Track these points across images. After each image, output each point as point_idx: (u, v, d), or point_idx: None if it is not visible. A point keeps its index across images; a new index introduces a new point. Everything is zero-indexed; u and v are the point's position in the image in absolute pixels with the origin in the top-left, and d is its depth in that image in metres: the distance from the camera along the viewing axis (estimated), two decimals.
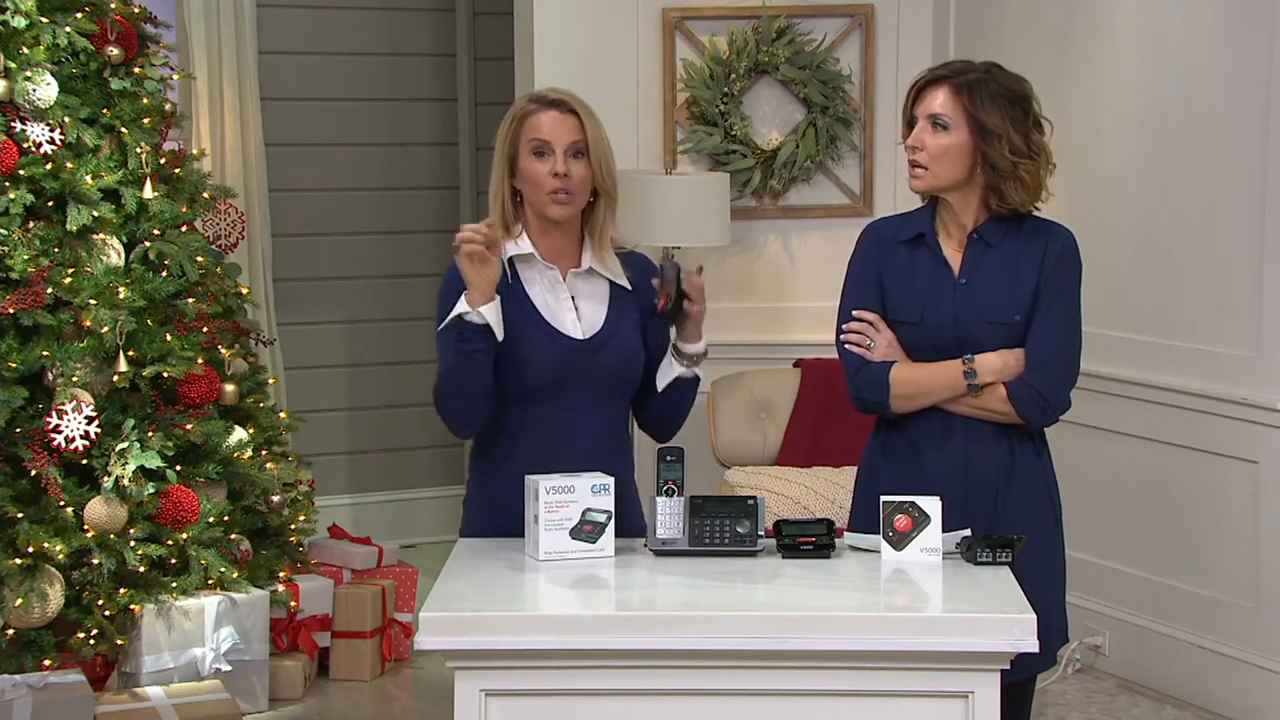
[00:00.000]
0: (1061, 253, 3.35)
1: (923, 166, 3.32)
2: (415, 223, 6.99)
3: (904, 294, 3.37)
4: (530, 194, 3.29)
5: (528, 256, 3.31)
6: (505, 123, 3.32)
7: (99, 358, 4.94)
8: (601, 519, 3.10)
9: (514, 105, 3.36)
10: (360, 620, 5.40)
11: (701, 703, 2.83)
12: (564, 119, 3.27)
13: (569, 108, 3.29)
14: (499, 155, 3.31)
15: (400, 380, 6.98)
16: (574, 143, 3.26)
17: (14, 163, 4.91)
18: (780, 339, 5.95)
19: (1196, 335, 5.03)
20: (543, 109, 3.28)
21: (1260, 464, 4.83)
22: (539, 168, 3.26)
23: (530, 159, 3.27)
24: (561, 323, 3.29)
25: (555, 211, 3.28)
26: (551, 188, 3.26)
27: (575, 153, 3.27)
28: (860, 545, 3.21)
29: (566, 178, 3.25)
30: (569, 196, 3.27)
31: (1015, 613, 2.80)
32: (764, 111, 6.00)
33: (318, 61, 6.79)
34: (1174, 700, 5.12)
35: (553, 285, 3.32)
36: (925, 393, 3.34)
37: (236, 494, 5.20)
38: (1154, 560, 5.22)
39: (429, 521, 7.03)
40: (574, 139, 3.26)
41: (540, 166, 3.26)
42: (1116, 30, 5.30)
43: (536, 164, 3.26)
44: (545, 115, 3.27)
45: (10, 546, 4.75)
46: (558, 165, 3.25)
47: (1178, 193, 5.09)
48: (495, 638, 2.78)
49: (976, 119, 3.28)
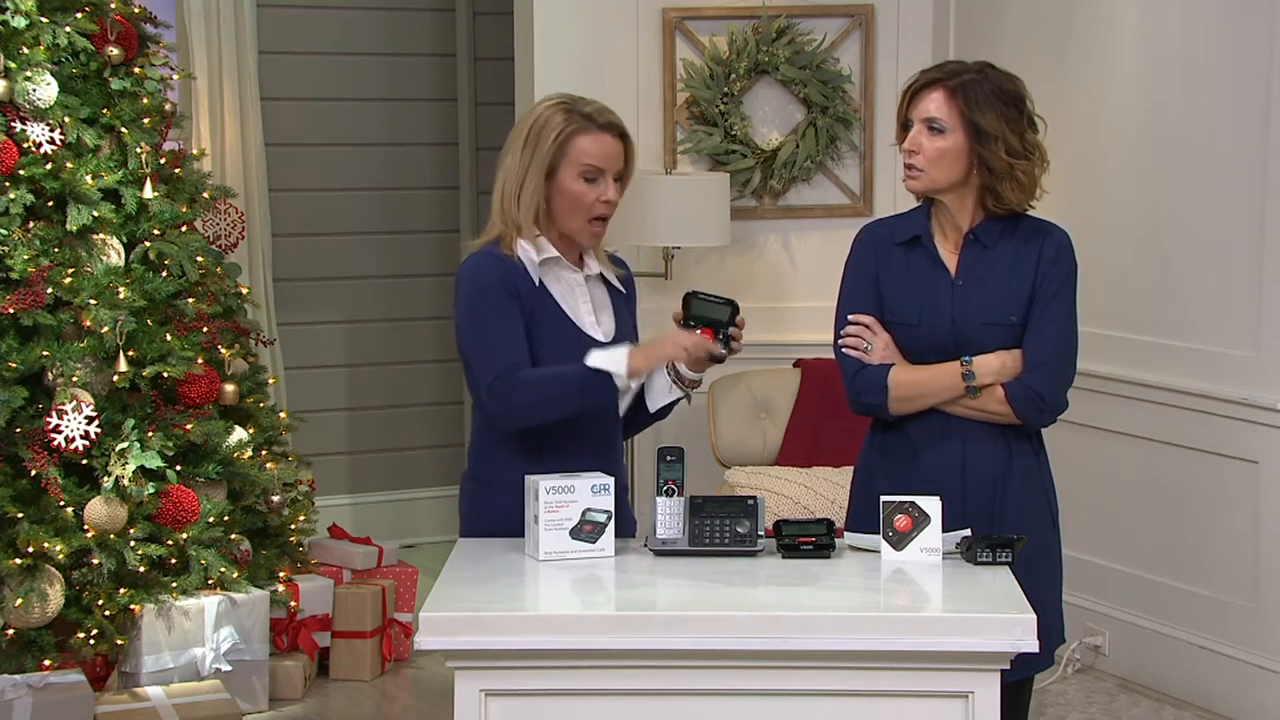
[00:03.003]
0: (1057, 253, 3.35)
1: (918, 169, 3.32)
2: (415, 223, 6.99)
3: (901, 296, 3.37)
4: (568, 213, 3.24)
5: (554, 260, 3.29)
6: (546, 132, 3.21)
7: (99, 358, 4.94)
8: (601, 519, 3.10)
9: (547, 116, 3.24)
10: (360, 620, 5.40)
11: (701, 703, 2.83)
12: (616, 145, 3.24)
13: (619, 131, 3.25)
14: (536, 163, 3.22)
15: (400, 380, 6.98)
16: (620, 171, 3.26)
17: (14, 163, 4.91)
18: (780, 339, 5.95)
19: (1196, 335, 5.03)
20: (595, 130, 3.22)
21: (1260, 464, 4.83)
22: (587, 192, 3.22)
23: (577, 180, 3.22)
24: (586, 326, 3.29)
25: (592, 239, 3.26)
26: (599, 214, 3.24)
27: (617, 177, 3.26)
28: (860, 545, 3.21)
29: (612, 204, 3.24)
30: (605, 224, 3.26)
31: (1015, 613, 2.80)
32: (764, 111, 6.00)
33: (318, 61, 6.79)
34: (1174, 700, 5.12)
35: (574, 288, 3.31)
36: (923, 394, 3.34)
37: (236, 494, 5.21)
38: (1154, 560, 5.22)
39: (429, 521, 7.03)
40: (620, 168, 3.26)
41: (589, 191, 3.22)
42: (1116, 30, 5.30)
43: (584, 187, 3.22)
44: (599, 139, 3.22)
45: (10, 546, 4.75)
46: (609, 193, 3.23)
47: (1178, 193, 5.09)
48: (495, 638, 2.78)
49: (972, 121, 3.28)
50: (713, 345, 3.14)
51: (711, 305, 3.18)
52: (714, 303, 3.18)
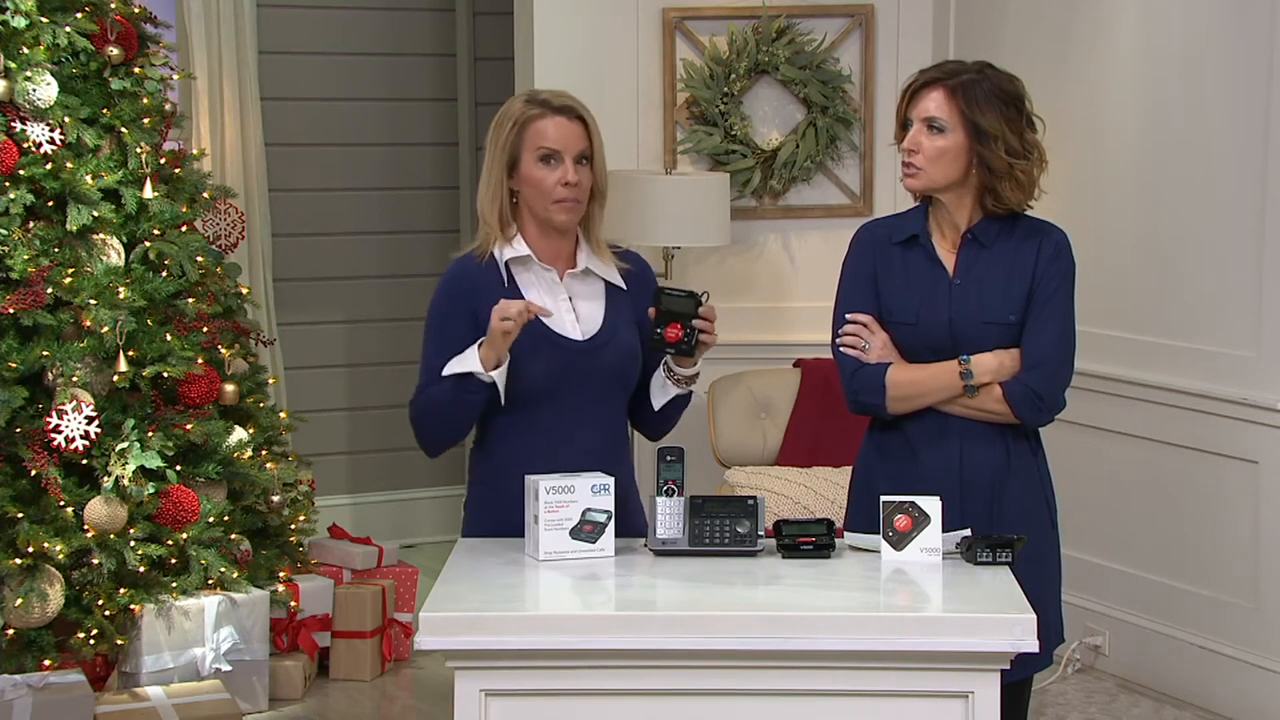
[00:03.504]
0: (1055, 253, 3.35)
1: (917, 167, 3.32)
2: (415, 223, 7.00)
3: (899, 295, 3.37)
4: (534, 199, 3.28)
5: (524, 259, 3.31)
6: (503, 126, 3.30)
7: (99, 358, 4.94)
8: (601, 519, 3.10)
9: (509, 107, 3.33)
10: (360, 620, 5.40)
11: (701, 703, 2.83)
12: (572, 126, 3.27)
13: (576, 114, 3.28)
14: (495, 158, 3.29)
15: (400, 380, 6.96)
16: (581, 150, 3.28)
17: (14, 163, 4.91)
18: (780, 339, 5.96)
19: (1196, 335, 5.03)
20: (548, 114, 3.27)
21: (1260, 464, 4.83)
22: (547, 175, 3.26)
23: (536, 166, 3.26)
24: (560, 325, 3.29)
25: (563, 220, 3.28)
26: (560, 196, 3.26)
27: (581, 159, 3.28)
28: (860, 545, 3.21)
29: (576, 186, 3.26)
30: (576, 204, 3.28)
31: (1015, 613, 2.80)
32: (764, 111, 6.00)
33: (318, 61, 6.79)
34: (1174, 700, 5.12)
35: (550, 287, 3.32)
36: (921, 394, 3.34)
37: (236, 494, 5.21)
38: (1154, 560, 5.22)
39: (429, 521, 7.03)
40: (581, 147, 3.28)
41: (548, 174, 3.26)
42: (1116, 30, 5.30)
43: (544, 171, 3.26)
44: (552, 122, 3.26)
45: (10, 546, 4.75)
46: (569, 174, 3.25)
47: (1178, 193, 5.09)
48: (495, 638, 2.78)
49: (972, 121, 3.28)
50: (527, 305, 3.13)
51: (674, 299, 3.20)
52: (677, 296, 3.21)
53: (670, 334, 3.19)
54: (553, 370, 3.26)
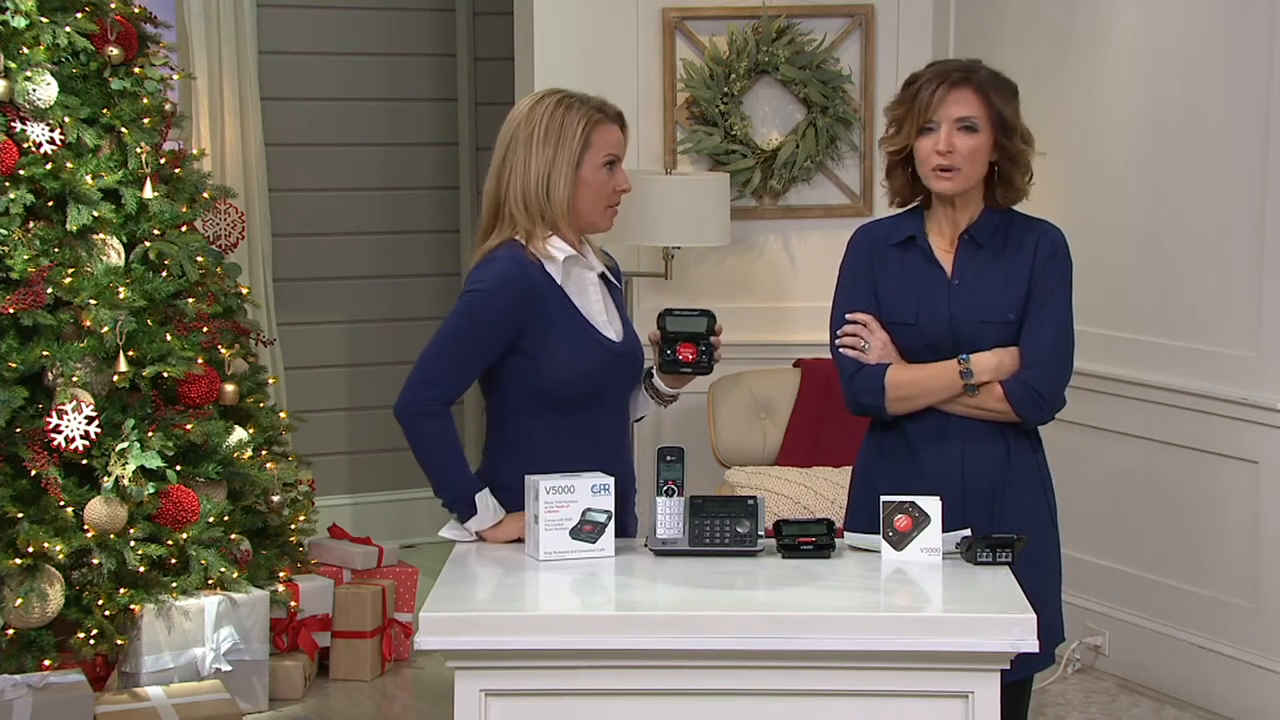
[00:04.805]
0: (1052, 251, 3.37)
1: (955, 168, 3.32)
2: (415, 223, 6.99)
3: (897, 296, 3.38)
4: (589, 201, 3.30)
5: (574, 258, 3.32)
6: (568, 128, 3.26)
7: (99, 358, 4.94)
8: (601, 519, 3.10)
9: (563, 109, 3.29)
10: (360, 620, 5.40)
11: (701, 703, 2.83)
12: (621, 135, 3.36)
13: (623, 122, 3.37)
14: (563, 158, 3.26)
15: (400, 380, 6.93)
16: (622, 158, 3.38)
17: (14, 163, 4.91)
18: (780, 339, 5.95)
19: (1196, 335, 5.03)
20: (608, 121, 3.32)
21: (1260, 464, 4.83)
22: (608, 180, 3.31)
23: (600, 170, 3.30)
24: (600, 326, 3.31)
25: (608, 224, 3.35)
26: (614, 201, 3.34)
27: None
28: (860, 545, 3.21)
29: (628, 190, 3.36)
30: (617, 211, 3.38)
31: (1015, 613, 2.80)
32: (764, 111, 6.00)
33: (318, 61, 6.79)
34: (1174, 700, 5.12)
35: (588, 287, 3.34)
36: (921, 394, 3.34)
37: (236, 494, 5.21)
38: (1154, 560, 5.22)
39: (429, 521, 7.00)
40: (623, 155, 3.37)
41: (609, 180, 3.31)
42: (1116, 30, 5.30)
43: (606, 176, 3.31)
44: (612, 130, 3.32)
45: (10, 546, 4.75)
46: (625, 182, 3.34)
47: (1178, 193, 5.09)
48: (495, 638, 2.78)
49: (1000, 115, 3.32)
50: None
51: (687, 319, 3.21)
52: (689, 316, 3.21)
53: (684, 354, 3.20)
54: (603, 374, 3.28)
